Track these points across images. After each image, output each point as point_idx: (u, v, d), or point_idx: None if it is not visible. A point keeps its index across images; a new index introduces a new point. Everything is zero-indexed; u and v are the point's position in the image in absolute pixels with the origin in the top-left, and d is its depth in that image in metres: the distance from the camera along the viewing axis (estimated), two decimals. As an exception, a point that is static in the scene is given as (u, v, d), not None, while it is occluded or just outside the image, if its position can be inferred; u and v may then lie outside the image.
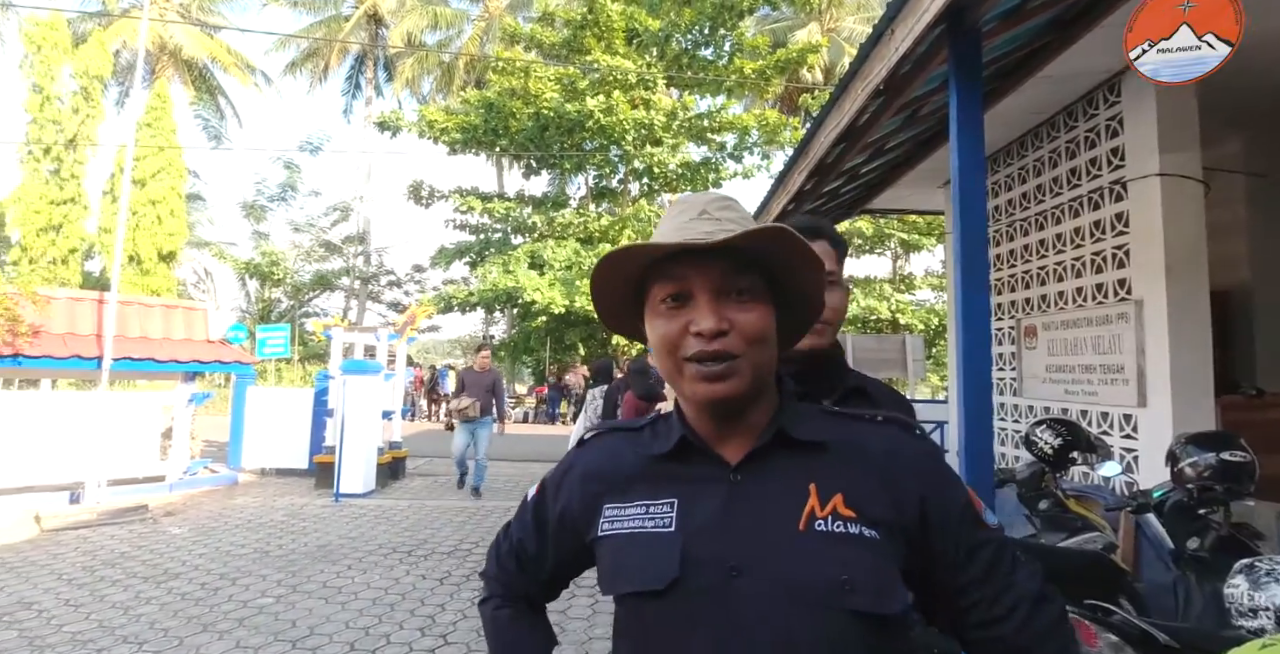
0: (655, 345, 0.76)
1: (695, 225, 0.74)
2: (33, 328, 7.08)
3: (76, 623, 3.79)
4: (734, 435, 0.77)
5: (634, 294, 0.80)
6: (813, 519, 0.70)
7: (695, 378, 0.73)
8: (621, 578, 0.75)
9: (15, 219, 17.21)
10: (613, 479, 0.82)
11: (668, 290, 0.75)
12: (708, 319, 0.71)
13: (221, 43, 25.24)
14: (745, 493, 0.74)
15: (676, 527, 0.74)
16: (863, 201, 6.48)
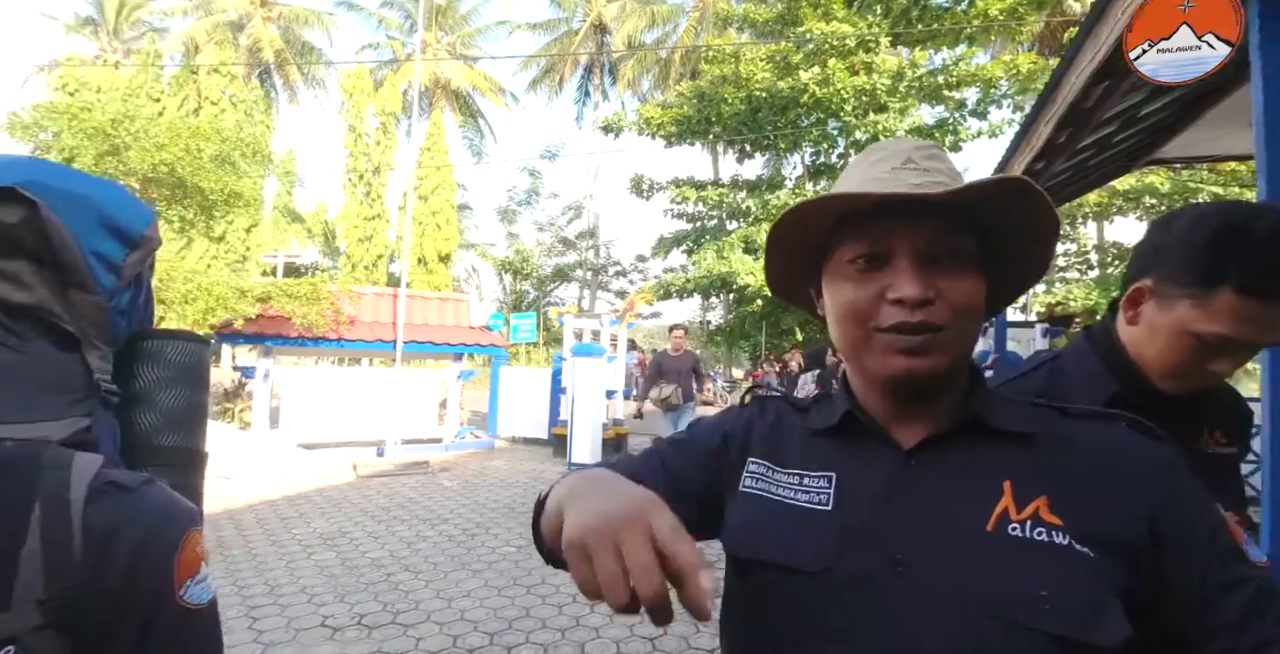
0: (839, 312, 0.67)
1: (900, 176, 0.64)
2: (350, 318, 9.04)
3: (374, 551, 4.80)
4: (913, 417, 0.67)
5: (814, 255, 0.71)
6: (1005, 521, 0.60)
7: (889, 350, 0.63)
8: (763, 543, 0.67)
9: (342, 233, 22.10)
10: (769, 439, 0.74)
11: (860, 250, 0.65)
12: (911, 285, 0.61)
13: (480, 72, 29.29)
14: (919, 481, 0.64)
15: (834, 505, 0.66)
16: (1147, 151, 5.25)
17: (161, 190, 8.37)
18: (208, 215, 9.22)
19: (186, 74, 22.58)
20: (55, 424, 0.66)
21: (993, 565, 0.58)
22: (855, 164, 0.70)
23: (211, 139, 8.33)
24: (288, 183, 25.61)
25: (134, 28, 25.57)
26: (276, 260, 14.13)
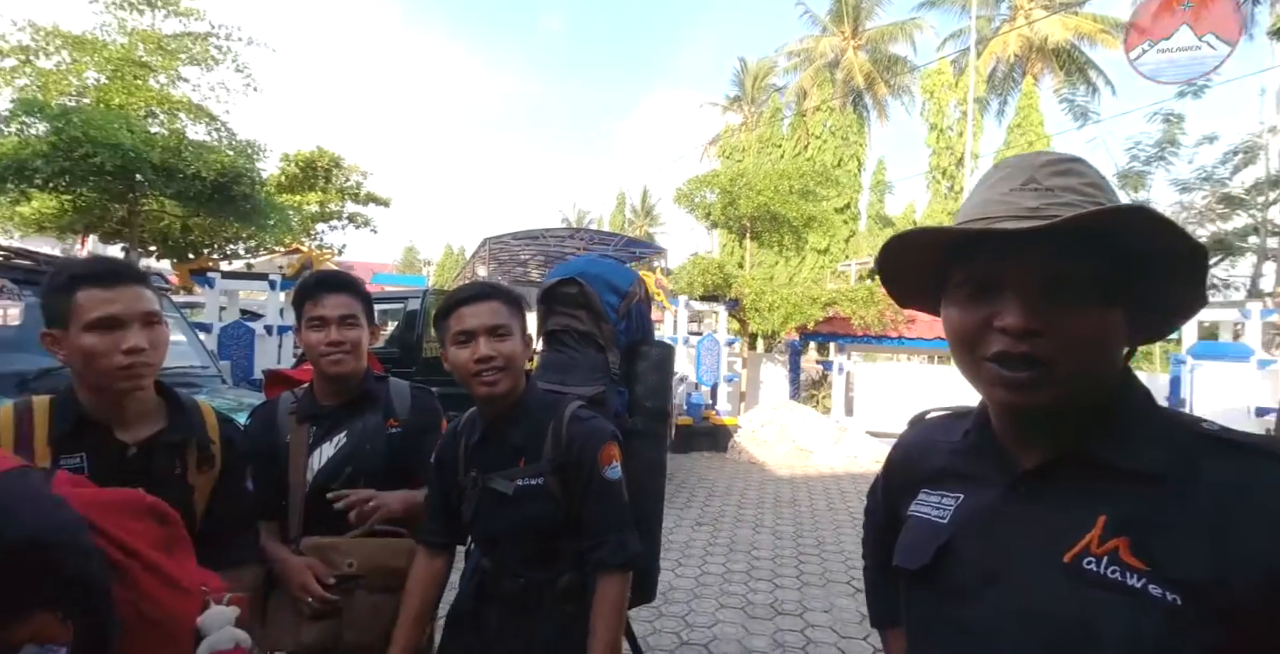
0: (950, 336, 0.68)
1: (1016, 199, 0.62)
2: (909, 317, 9.50)
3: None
4: (1035, 440, 0.67)
5: (932, 273, 0.70)
6: (1084, 555, 0.60)
7: (993, 381, 0.63)
8: (897, 555, 0.77)
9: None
10: (921, 466, 0.81)
11: (968, 275, 0.65)
12: (1014, 315, 0.60)
13: (1086, 15, 24.72)
14: (1024, 503, 0.66)
15: (950, 520, 0.72)
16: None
17: (763, 223, 10.89)
18: (796, 237, 11.36)
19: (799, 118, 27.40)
20: (589, 389, 1.54)
21: (1057, 595, 0.59)
22: (982, 181, 0.68)
23: (792, 176, 10.35)
24: (879, 191, 27.75)
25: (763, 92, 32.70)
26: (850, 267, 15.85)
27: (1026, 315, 0.59)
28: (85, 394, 1.20)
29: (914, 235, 0.65)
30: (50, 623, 0.72)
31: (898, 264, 0.71)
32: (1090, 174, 0.63)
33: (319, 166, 14.39)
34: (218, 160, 7.85)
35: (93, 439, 1.18)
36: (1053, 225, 0.56)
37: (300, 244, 12.49)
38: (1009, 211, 0.61)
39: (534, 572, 1.34)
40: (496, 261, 18.39)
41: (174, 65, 9.11)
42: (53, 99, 7.89)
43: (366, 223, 16.18)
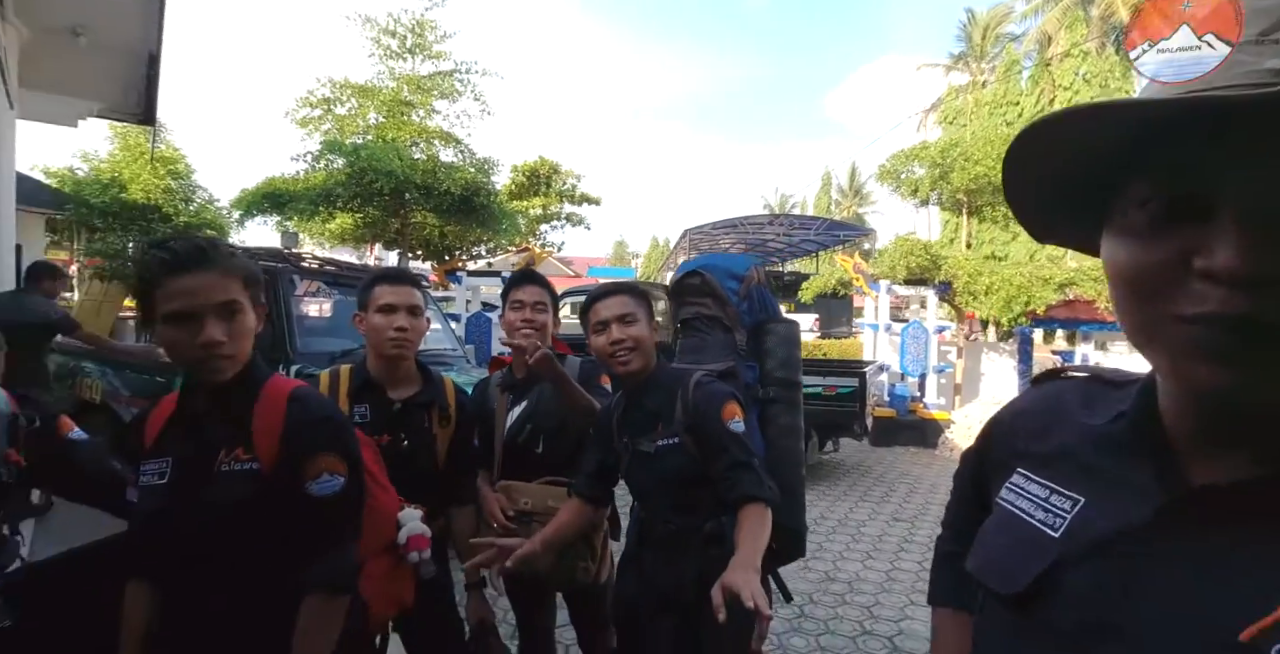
0: (1116, 283, 0.45)
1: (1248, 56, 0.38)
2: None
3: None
4: (1234, 445, 0.45)
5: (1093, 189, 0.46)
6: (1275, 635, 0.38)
7: (1189, 350, 0.40)
8: (975, 553, 0.60)
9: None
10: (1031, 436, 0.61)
11: (1156, 188, 0.41)
12: (1235, 251, 0.37)
13: None
14: (1182, 537, 0.45)
15: (1064, 533, 0.51)
16: None
17: (983, 196, 9.78)
18: (1027, 210, 10.02)
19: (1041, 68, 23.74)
20: (719, 364, 1.79)
21: None
22: None
23: (1020, 141, 9.12)
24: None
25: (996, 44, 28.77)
26: None
27: (1255, 253, 0.37)
28: (371, 362, 1.72)
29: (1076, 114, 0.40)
30: (335, 462, 1.17)
31: (1037, 170, 0.46)
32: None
33: (541, 174, 16.14)
34: (463, 177, 9.39)
35: (373, 396, 1.69)
36: None
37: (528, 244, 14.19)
38: (1238, 78, 0.38)
39: (681, 518, 1.58)
40: (697, 250, 18.95)
41: (429, 101, 11.05)
42: (346, 138, 10.09)
43: (581, 221, 17.76)
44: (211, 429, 1.15)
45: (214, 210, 11.44)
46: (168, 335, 1.09)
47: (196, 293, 1.08)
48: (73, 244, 13.33)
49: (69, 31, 4.91)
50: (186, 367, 1.14)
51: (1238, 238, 0.37)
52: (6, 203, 5.06)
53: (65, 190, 10.72)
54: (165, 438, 1.18)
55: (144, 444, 1.19)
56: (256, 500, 1.11)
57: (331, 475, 1.16)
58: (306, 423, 1.17)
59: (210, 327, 1.08)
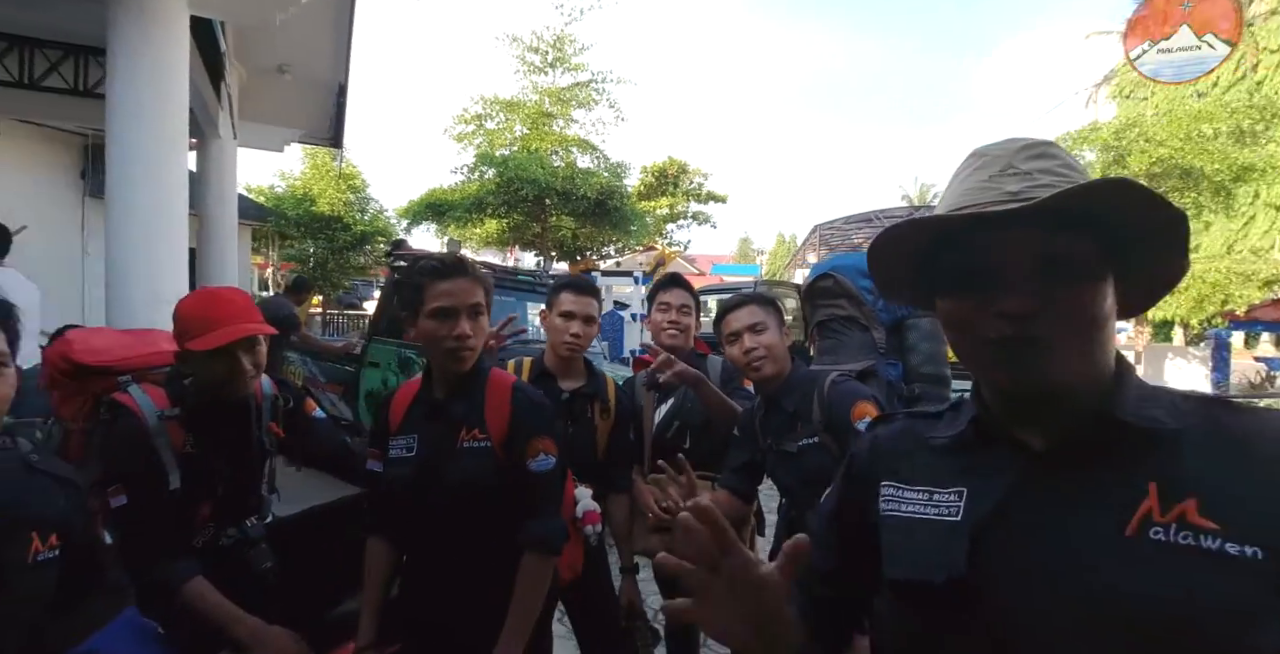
0: (947, 323, 0.67)
1: (997, 184, 0.62)
2: None
3: None
4: (1044, 421, 0.63)
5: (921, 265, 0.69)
6: (1147, 524, 0.56)
7: (997, 363, 0.62)
8: (895, 563, 0.68)
9: None
10: (892, 460, 0.74)
11: (961, 262, 0.63)
12: (1011, 298, 0.59)
13: None
14: (1053, 487, 0.61)
15: (963, 517, 0.64)
16: None
17: (1168, 182, 8.61)
18: (1225, 195, 8.70)
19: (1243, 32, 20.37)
20: (857, 364, 1.83)
21: (1129, 572, 0.55)
22: (957, 173, 0.69)
23: (1216, 116, 7.92)
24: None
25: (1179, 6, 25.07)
26: None
27: (1023, 297, 0.59)
28: (548, 356, 1.94)
29: (904, 227, 0.66)
30: (550, 444, 1.37)
31: (885, 258, 0.71)
32: (1063, 156, 0.64)
33: (669, 174, 16.41)
34: (598, 182, 9.84)
35: (546, 385, 1.89)
36: (1037, 203, 0.57)
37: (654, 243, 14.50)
38: (992, 197, 0.61)
39: None
40: (827, 247, 18.33)
41: (568, 111, 11.66)
42: (496, 151, 10.91)
43: (708, 220, 17.82)
44: (453, 412, 1.38)
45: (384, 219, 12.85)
46: (429, 327, 1.33)
47: (455, 294, 1.32)
48: (268, 251, 15.53)
49: (276, 69, 5.77)
50: (440, 355, 1.37)
51: (1012, 290, 0.60)
52: (231, 218, 6.05)
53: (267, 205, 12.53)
54: (410, 418, 1.43)
55: (389, 424, 1.44)
56: (487, 473, 1.33)
57: (546, 455, 1.36)
58: (529, 410, 1.38)
59: (463, 322, 1.32)
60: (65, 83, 4.87)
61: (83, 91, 4.90)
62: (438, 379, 1.43)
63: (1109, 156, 8.70)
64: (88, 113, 5.17)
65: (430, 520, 1.37)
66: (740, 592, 0.60)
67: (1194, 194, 8.88)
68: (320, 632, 1.49)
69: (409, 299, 1.39)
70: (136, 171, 2.85)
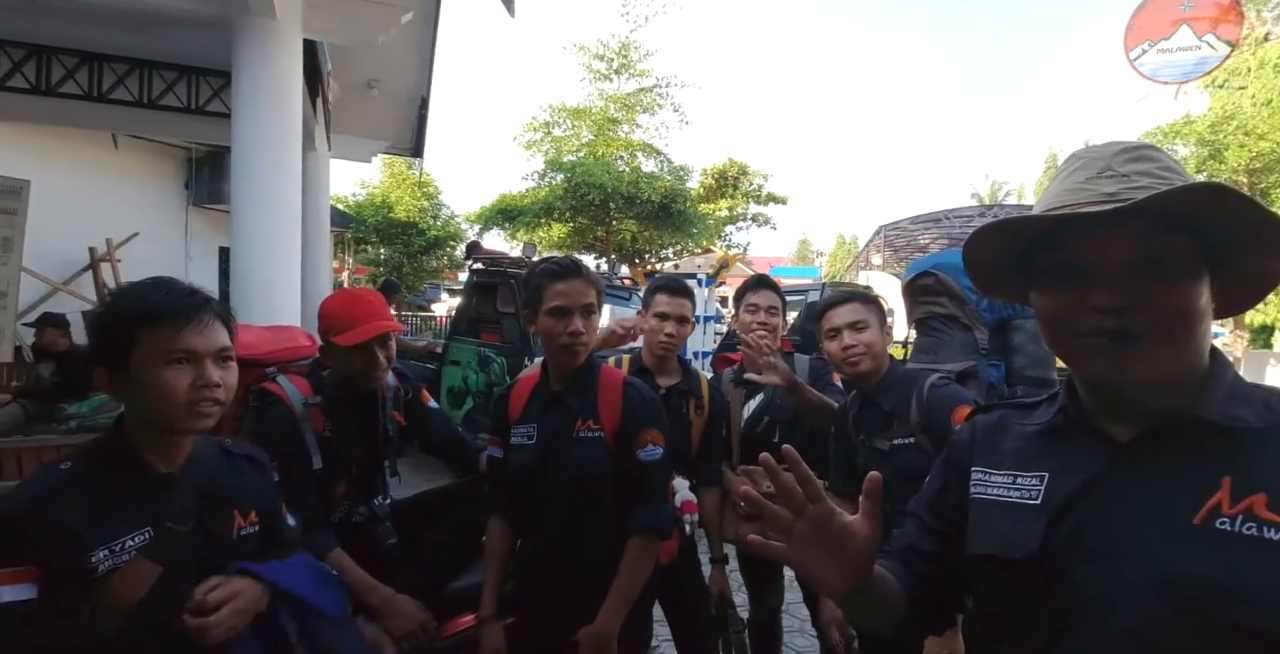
0: (1043, 317, 0.71)
1: (1095, 185, 0.65)
2: None
3: None
4: (1135, 412, 0.67)
5: (1018, 263, 0.73)
6: (1215, 515, 0.60)
7: (1089, 357, 0.65)
8: (978, 539, 0.74)
9: None
10: (985, 447, 0.80)
11: (1058, 259, 0.67)
12: (1104, 293, 0.63)
13: None
14: (1131, 477, 0.65)
15: (1043, 500, 0.69)
16: None
17: (1270, 178, 8.04)
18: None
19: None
20: (957, 365, 1.86)
21: (1191, 557, 0.59)
22: (1056, 174, 0.72)
23: (1327, 107, 7.34)
24: None
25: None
26: None
27: (1117, 293, 0.62)
28: (645, 354, 2.04)
29: (1009, 224, 0.69)
30: (658, 435, 1.47)
31: (983, 254, 0.74)
32: (1163, 159, 0.66)
33: (729, 176, 16.37)
34: (662, 186, 9.96)
35: (645, 380, 1.97)
36: (1132, 205, 0.59)
37: (713, 246, 14.48)
38: (1089, 198, 0.64)
39: None
40: (892, 248, 17.85)
41: (633, 117, 11.85)
42: (563, 157, 11.19)
43: (767, 221, 17.67)
44: (570, 404, 1.49)
45: (455, 225, 13.34)
46: (547, 324, 1.45)
47: (570, 294, 1.43)
48: (344, 256, 16.40)
49: (366, 85, 6.13)
50: (556, 350, 1.48)
51: (1106, 285, 0.63)
52: (324, 225, 6.45)
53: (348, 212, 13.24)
54: (530, 409, 1.55)
55: (509, 414, 1.57)
56: (601, 461, 1.44)
57: (655, 446, 1.46)
58: (639, 403, 1.49)
59: (576, 320, 1.43)
60: (179, 102, 5.32)
61: (194, 109, 5.35)
62: (554, 373, 1.54)
63: (1205, 151, 8.19)
64: (196, 128, 5.63)
65: (548, 503, 1.47)
66: (827, 538, 0.67)
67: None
68: (441, 603, 1.63)
69: (529, 299, 1.51)
70: (258, 183, 3.13)
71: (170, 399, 0.96)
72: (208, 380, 0.98)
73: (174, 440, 1.04)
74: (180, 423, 0.99)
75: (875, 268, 15.54)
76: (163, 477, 1.03)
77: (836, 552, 0.67)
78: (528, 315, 1.53)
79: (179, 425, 0.99)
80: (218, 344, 1.03)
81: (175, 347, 0.97)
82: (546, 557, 1.51)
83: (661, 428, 1.49)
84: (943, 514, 0.84)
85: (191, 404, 0.97)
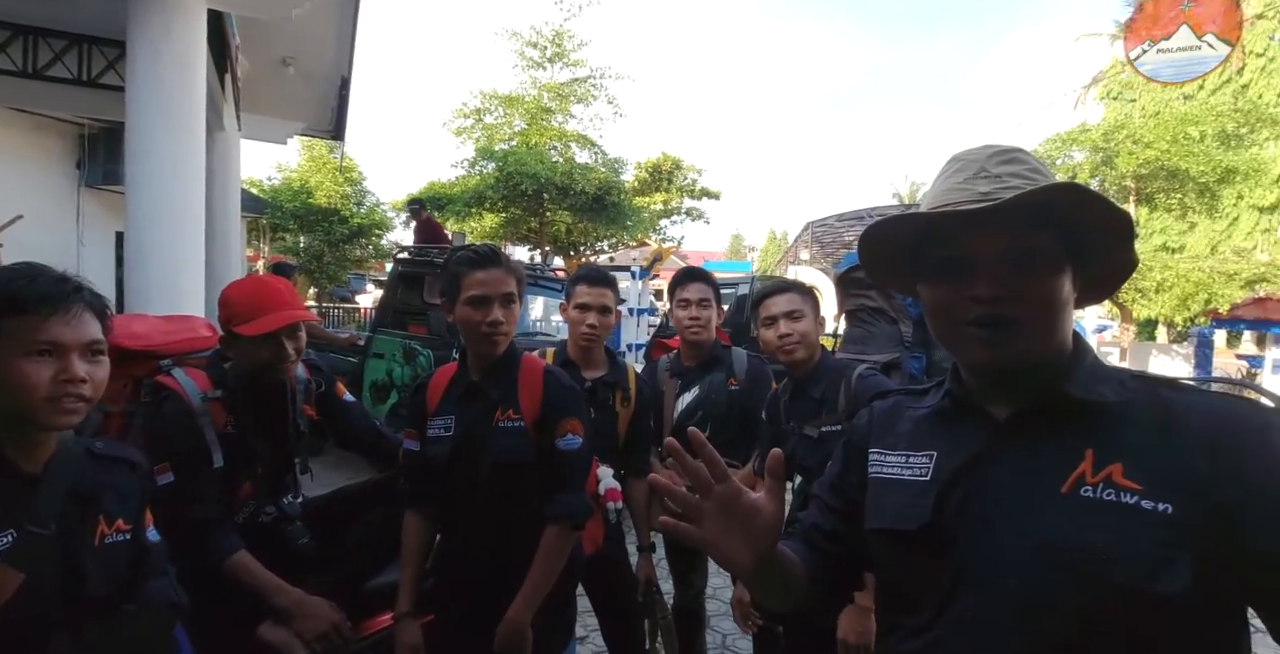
0: (930, 308, 0.77)
1: (970, 186, 0.72)
2: None
3: None
4: (1007, 395, 0.74)
5: (908, 256, 0.79)
6: (1080, 484, 0.66)
7: (971, 343, 0.72)
8: (875, 515, 0.81)
9: None
10: (881, 430, 0.87)
11: (942, 254, 0.73)
12: (984, 284, 0.69)
13: None
14: (1009, 451, 0.72)
15: (932, 476, 0.76)
16: None
17: (1155, 183, 8.80)
18: (1209, 196, 8.90)
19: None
20: (883, 356, 1.93)
21: (1060, 522, 0.66)
22: (938, 176, 0.79)
23: (1201, 119, 8.10)
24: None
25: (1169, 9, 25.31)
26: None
27: (992, 284, 0.69)
28: (570, 346, 2.03)
29: (892, 223, 0.77)
30: (578, 424, 1.47)
31: (876, 249, 0.82)
32: (1030, 161, 0.73)
33: (663, 170, 16.46)
34: (596, 177, 9.90)
35: (570, 374, 1.96)
36: (1002, 204, 0.67)
37: (647, 239, 14.56)
38: (966, 197, 0.71)
39: None
40: (819, 244, 18.42)
41: (567, 107, 11.71)
42: (495, 145, 10.94)
43: (701, 216, 17.88)
44: (490, 394, 1.47)
45: (381, 212, 12.82)
46: (465, 314, 1.43)
47: (489, 283, 1.41)
48: (259, 243, 15.49)
49: (280, 62, 5.79)
50: (475, 340, 1.46)
51: (983, 277, 0.70)
52: (233, 210, 6.08)
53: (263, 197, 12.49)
54: (448, 400, 1.51)
55: (426, 406, 1.53)
56: (522, 451, 1.42)
57: (574, 435, 1.46)
58: (560, 392, 1.48)
59: (496, 309, 1.40)
60: (69, 73, 4.86)
61: (86, 81, 4.91)
62: (473, 363, 1.51)
63: (1098, 157, 8.88)
64: (89, 102, 5.17)
65: (468, 495, 1.45)
66: (734, 516, 0.70)
67: (1180, 195, 9.09)
68: (356, 602, 1.57)
69: (447, 287, 1.48)
70: (156, 163, 2.90)
71: (30, 393, 0.89)
72: (72, 375, 0.91)
73: (36, 438, 0.96)
74: (41, 419, 0.91)
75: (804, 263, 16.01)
76: (26, 476, 0.95)
77: (743, 529, 0.70)
78: (445, 304, 1.50)
79: (40, 421, 0.92)
80: (87, 336, 0.95)
81: (38, 338, 0.90)
82: (467, 550, 1.48)
83: (581, 417, 1.49)
84: (844, 494, 0.89)
85: (53, 399, 0.90)
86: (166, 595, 1.10)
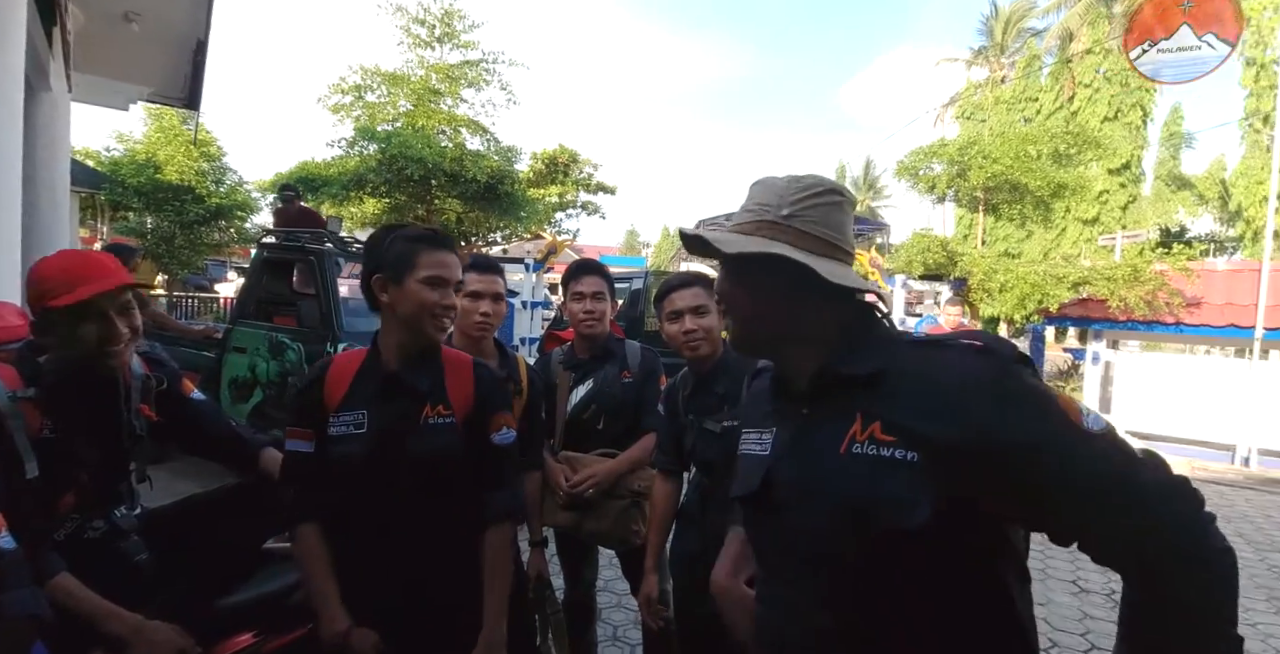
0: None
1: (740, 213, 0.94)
2: (1194, 299, 7.94)
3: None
4: (804, 376, 0.89)
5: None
6: (852, 443, 0.80)
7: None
8: (735, 486, 0.98)
9: (1241, 193, 18.01)
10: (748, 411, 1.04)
11: None
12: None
13: None
14: (809, 424, 0.87)
15: (770, 451, 0.92)
16: None
17: (1000, 195, 9.85)
18: (1044, 208, 10.08)
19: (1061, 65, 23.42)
20: None
21: (842, 480, 0.80)
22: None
23: (1039, 140, 9.17)
24: (1173, 146, 22.75)
25: (1018, 39, 28.34)
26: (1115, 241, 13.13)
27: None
28: (457, 338, 1.91)
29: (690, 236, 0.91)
30: (510, 418, 1.44)
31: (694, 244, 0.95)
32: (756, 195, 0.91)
33: (559, 162, 16.21)
34: (489, 165, 9.54)
35: None
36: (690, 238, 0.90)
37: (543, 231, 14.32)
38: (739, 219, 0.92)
39: None
40: (712, 243, 18.91)
41: (457, 90, 11.18)
42: (377, 125, 10.25)
43: (597, 210, 17.82)
44: (416, 388, 1.35)
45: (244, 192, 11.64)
46: (419, 292, 1.32)
47: (449, 267, 1.34)
48: (98, 223, 13.62)
49: (122, 17, 5.08)
50: (421, 321, 1.34)
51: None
52: (62, 182, 5.28)
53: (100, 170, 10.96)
54: (357, 394, 1.36)
55: (324, 402, 1.36)
56: (453, 448, 1.33)
57: (509, 429, 1.40)
58: (492, 386, 1.42)
59: (451, 294, 1.34)
60: None
61: None
62: (395, 350, 1.38)
63: (954, 170, 9.81)
64: None
65: (389, 498, 1.32)
66: None
67: (1020, 207, 10.26)
68: (207, 624, 1.41)
69: (394, 262, 1.33)
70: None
71: None
72: None
73: None
74: None
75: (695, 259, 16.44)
76: None
77: None
78: (380, 281, 1.35)
79: None
80: None
81: None
82: (390, 557, 1.34)
83: (511, 411, 1.46)
84: None
85: None
86: (26, 607, 0.97)
